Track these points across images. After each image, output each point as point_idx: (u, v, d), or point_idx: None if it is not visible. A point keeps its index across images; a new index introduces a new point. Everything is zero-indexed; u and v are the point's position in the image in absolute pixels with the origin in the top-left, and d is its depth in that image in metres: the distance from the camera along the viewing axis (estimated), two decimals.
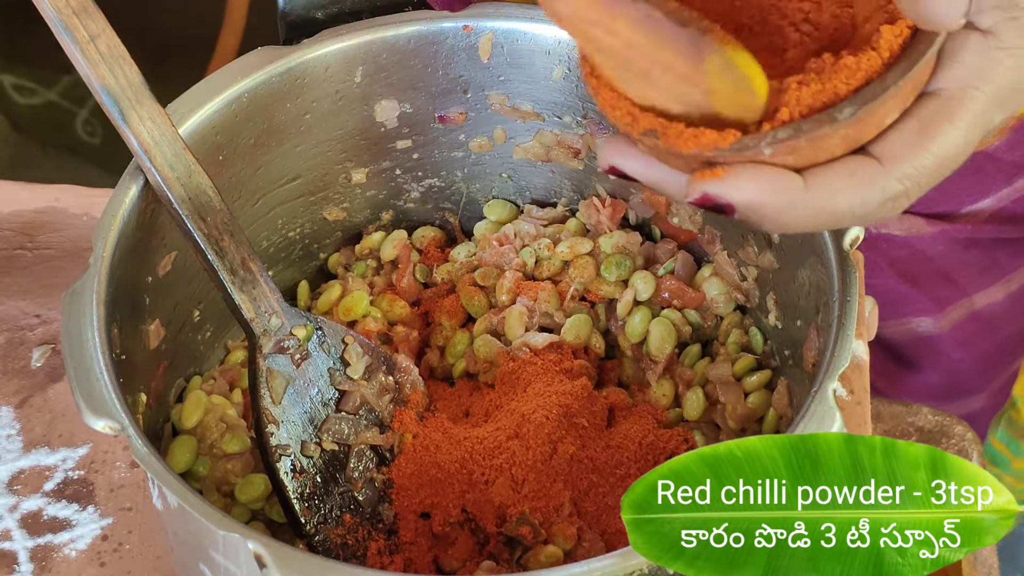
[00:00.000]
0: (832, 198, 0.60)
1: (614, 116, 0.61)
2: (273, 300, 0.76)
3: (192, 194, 0.74)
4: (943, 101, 0.61)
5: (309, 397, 0.77)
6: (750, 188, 0.59)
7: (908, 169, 0.60)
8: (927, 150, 0.60)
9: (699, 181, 0.60)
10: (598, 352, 0.86)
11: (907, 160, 0.60)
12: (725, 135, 0.59)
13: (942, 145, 0.61)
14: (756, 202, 0.60)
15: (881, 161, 0.60)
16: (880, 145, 0.61)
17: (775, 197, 0.60)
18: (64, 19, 0.71)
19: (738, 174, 0.59)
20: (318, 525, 0.76)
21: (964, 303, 1.10)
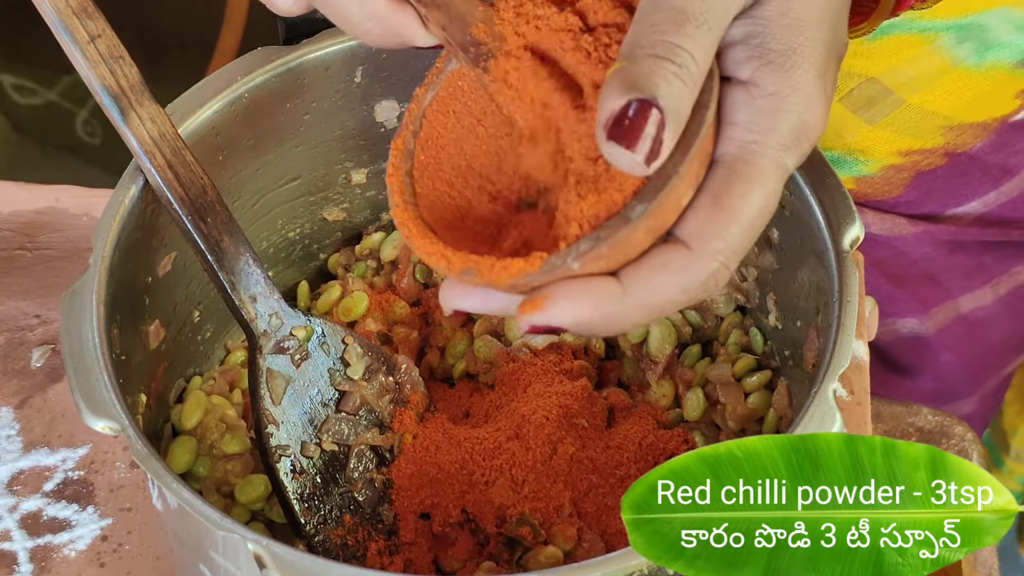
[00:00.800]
0: (652, 294, 0.60)
1: (430, 261, 0.61)
2: (273, 300, 0.76)
3: (192, 194, 0.74)
4: (728, 167, 0.60)
5: (309, 397, 0.77)
6: (571, 310, 0.59)
7: (717, 243, 0.59)
8: (729, 221, 0.59)
9: (524, 315, 0.60)
10: (598, 353, 0.86)
11: (713, 235, 0.59)
12: (532, 260, 0.59)
13: (743, 210, 0.59)
14: (582, 320, 0.60)
15: (688, 245, 0.59)
16: (683, 227, 0.60)
17: (598, 310, 0.59)
18: (64, 19, 0.71)
19: (556, 300, 0.59)
20: (318, 526, 0.76)
21: (950, 305, 1.10)
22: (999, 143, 1.00)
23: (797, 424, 0.68)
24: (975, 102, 0.97)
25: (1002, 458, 1.30)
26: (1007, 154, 1.01)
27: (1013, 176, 1.04)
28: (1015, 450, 1.28)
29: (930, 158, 1.00)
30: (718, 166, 0.60)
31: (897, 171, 1.01)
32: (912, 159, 1.00)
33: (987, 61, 0.94)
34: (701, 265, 0.59)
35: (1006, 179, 1.04)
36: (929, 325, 1.11)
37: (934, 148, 0.99)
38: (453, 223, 0.65)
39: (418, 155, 0.65)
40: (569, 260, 0.59)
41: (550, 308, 0.59)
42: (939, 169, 1.01)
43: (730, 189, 0.59)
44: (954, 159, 1.00)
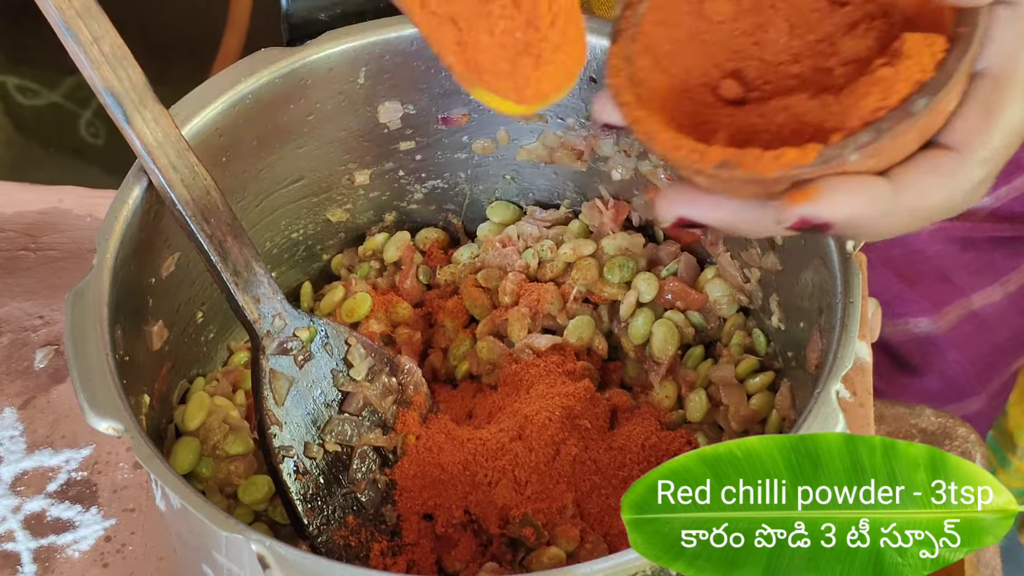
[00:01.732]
0: (922, 196, 0.60)
1: (676, 157, 0.60)
2: (276, 301, 0.76)
3: (195, 195, 0.74)
4: (994, 79, 0.61)
5: (312, 398, 0.77)
6: (844, 203, 0.59)
7: (984, 152, 0.61)
8: (996, 129, 0.61)
9: (792, 206, 0.59)
10: (601, 354, 0.86)
11: (980, 143, 0.61)
12: (806, 151, 0.58)
13: (1008, 120, 0.61)
14: (853, 216, 0.59)
15: (957, 150, 0.61)
16: (949, 134, 0.61)
17: (870, 207, 0.59)
18: (67, 20, 0.71)
19: (830, 191, 0.59)
20: (321, 527, 0.76)
21: (962, 303, 1.10)
22: None
23: (800, 425, 0.68)
24: None
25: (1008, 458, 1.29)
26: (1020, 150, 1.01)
27: (1023, 170, 1.04)
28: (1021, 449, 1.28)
29: None
30: (982, 78, 0.61)
31: None
32: None
33: None
34: (969, 170, 0.61)
35: (1017, 174, 1.04)
36: (941, 325, 1.11)
37: None
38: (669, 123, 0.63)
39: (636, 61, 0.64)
40: (847, 152, 0.58)
41: (823, 200, 0.59)
42: None
43: (998, 99, 0.61)
44: None
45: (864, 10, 0.64)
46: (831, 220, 0.59)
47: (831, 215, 0.59)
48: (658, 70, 0.65)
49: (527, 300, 0.86)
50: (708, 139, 0.61)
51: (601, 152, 0.87)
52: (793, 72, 0.64)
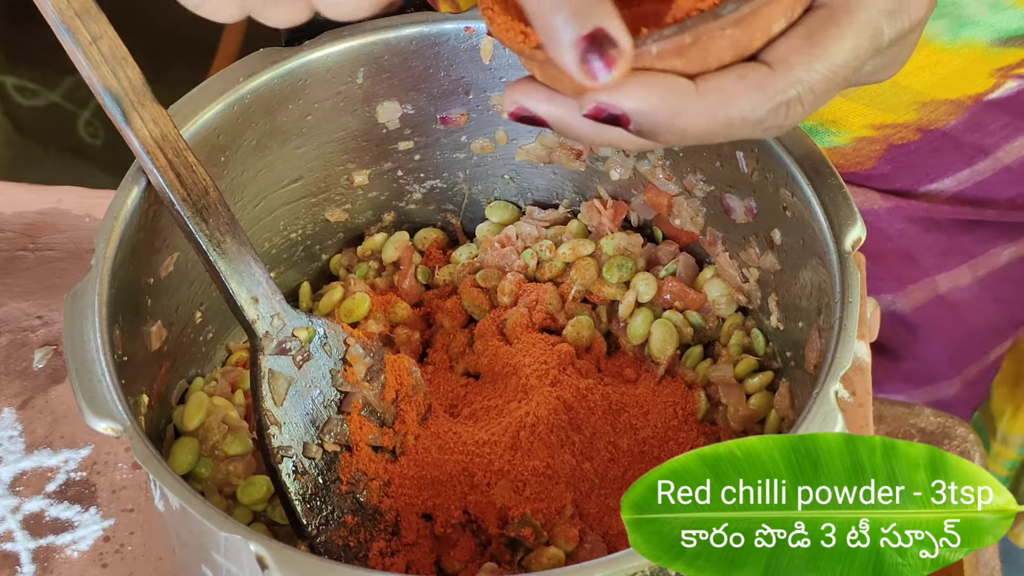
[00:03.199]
0: (724, 102, 0.60)
1: (507, 38, 0.61)
2: (275, 301, 0.76)
3: (194, 196, 0.74)
4: (830, 10, 0.62)
5: (311, 398, 0.77)
6: (641, 93, 0.59)
7: (800, 73, 0.61)
8: (816, 56, 0.61)
9: (592, 92, 0.60)
10: (600, 354, 0.86)
11: (797, 64, 0.61)
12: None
13: (832, 52, 0.61)
14: (648, 108, 0.60)
15: (771, 66, 0.61)
16: (770, 52, 0.61)
17: (666, 101, 0.60)
18: (66, 20, 0.71)
19: (628, 82, 0.59)
20: (320, 527, 0.76)
21: (927, 284, 1.10)
22: (973, 122, 1.00)
23: (799, 425, 0.68)
24: (949, 79, 0.97)
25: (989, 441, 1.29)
26: (982, 134, 1.01)
27: (987, 156, 1.03)
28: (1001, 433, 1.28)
29: (903, 132, 1.00)
30: (818, 7, 0.62)
31: (869, 143, 1.01)
32: (884, 132, 1.00)
33: (961, 38, 0.94)
34: (779, 86, 0.61)
35: (980, 158, 1.04)
36: (906, 303, 1.11)
37: (907, 123, 0.99)
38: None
39: None
40: (649, 42, 0.59)
41: (620, 88, 0.59)
42: (912, 144, 1.01)
43: (825, 30, 0.61)
44: (927, 135, 1.00)
45: None
46: (626, 109, 0.60)
47: (626, 105, 0.60)
48: None
49: (526, 300, 0.86)
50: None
51: (599, 152, 0.87)
52: None
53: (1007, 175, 1.04)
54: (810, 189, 0.76)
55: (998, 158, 1.03)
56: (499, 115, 0.87)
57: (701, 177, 0.84)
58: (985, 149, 1.02)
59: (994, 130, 1.01)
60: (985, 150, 1.02)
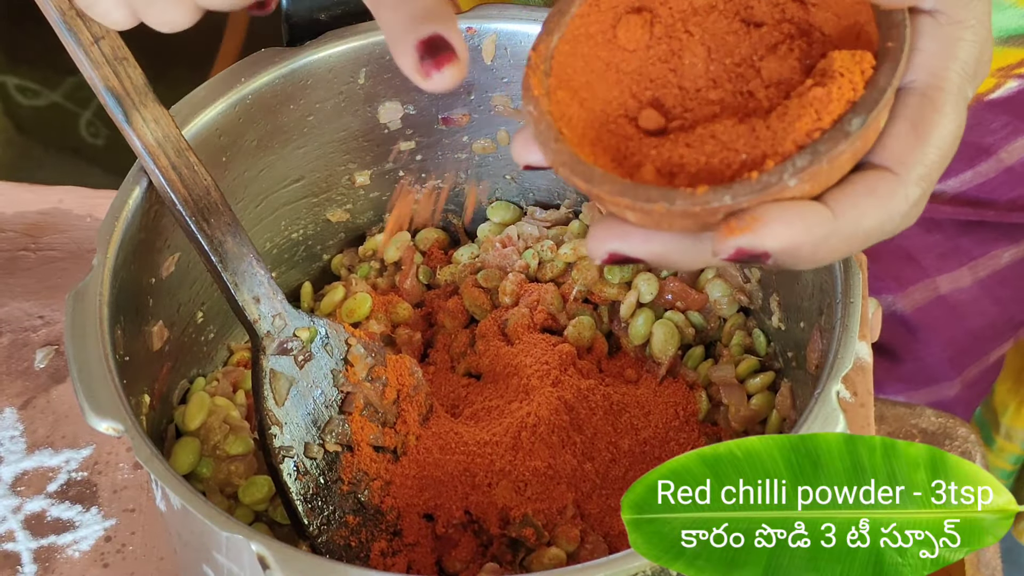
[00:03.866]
0: (860, 220, 0.59)
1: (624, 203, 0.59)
2: (276, 301, 0.76)
3: (195, 196, 0.74)
4: (921, 93, 0.60)
5: (312, 398, 0.77)
6: (783, 232, 0.58)
7: (920, 169, 0.60)
8: (929, 145, 0.60)
9: (729, 237, 0.57)
10: (601, 354, 0.86)
11: (915, 161, 0.60)
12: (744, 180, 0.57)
13: (940, 136, 0.60)
14: (792, 245, 0.58)
15: (893, 170, 0.59)
16: (881, 153, 0.60)
17: (809, 235, 0.58)
18: (68, 21, 0.71)
19: (767, 220, 0.57)
20: (321, 527, 0.76)
21: (927, 284, 1.10)
22: (975, 121, 1.00)
23: (800, 425, 0.68)
24: None
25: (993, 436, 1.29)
26: (983, 133, 1.01)
27: (989, 156, 1.03)
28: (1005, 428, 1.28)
29: None
30: (909, 93, 0.61)
31: None
32: None
33: None
34: (908, 190, 0.60)
35: (982, 159, 1.03)
36: (906, 304, 1.10)
37: None
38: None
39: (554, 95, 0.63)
40: (786, 176, 0.57)
41: (761, 229, 0.57)
42: None
43: (928, 114, 0.60)
44: None
45: (782, 30, 0.63)
46: (769, 250, 0.58)
47: (769, 245, 0.58)
48: (575, 103, 0.63)
49: (527, 300, 0.86)
50: (633, 174, 0.60)
51: None
52: (714, 98, 0.63)
53: (1008, 176, 1.04)
54: None
55: (1000, 159, 1.03)
56: (500, 115, 0.87)
57: None
58: (986, 149, 1.02)
59: (994, 129, 1.01)
60: (986, 150, 1.02)
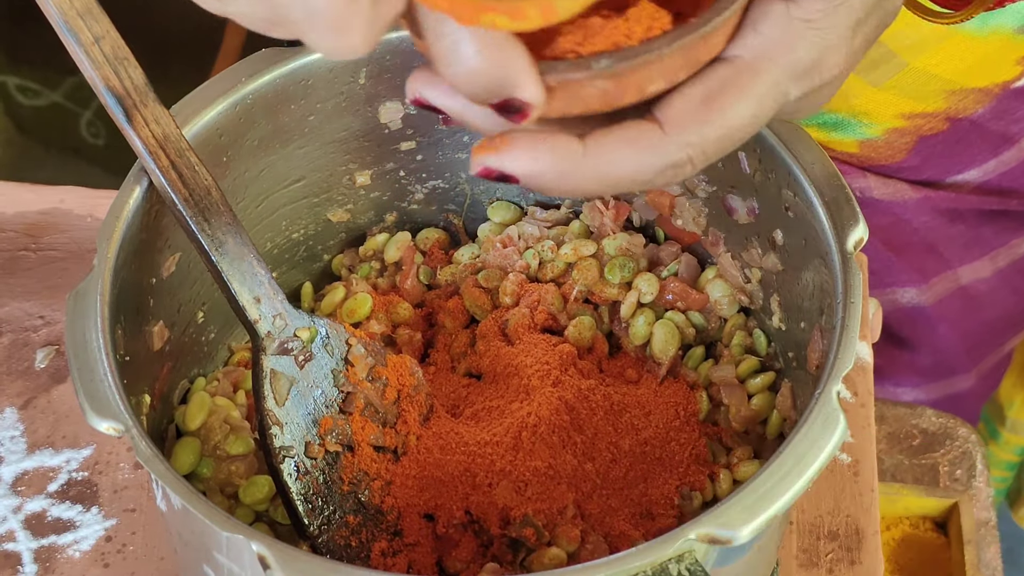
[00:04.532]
0: (612, 164, 0.60)
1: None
2: (277, 302, 0.76)
3: (196, 196, 0.74)
4: (735, 70, 0.60)
5: (313, 398, 0.77)
6: (526, 160, 0.59)
7: (691, 137, 0.59)
8: (711, 121, 0.60)
9: (479, 155, 0.60)
10: (602, 354, 0.86)
11: (690, 128, 0.59)
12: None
13: (729, 116, 0.60)
14: (535, 171, 0.59)
15: (663, 126, 0.59)
16: (664, 109, 0.60)
17: (554, 165, 0.59)
18: (68, 20, 0.71)
19: (515, 145, 0.59)
20: (322, 527, 0.76)
21: (949, 276, 1.10)
22: (1000, 109, 1.00)
23: (801, 426, 0.68)
24: (977, 67, 0.97)
25: (998, 429, 1.30)
26: (1008, 121, 1.01)
27: (1012, 145, 1.03)
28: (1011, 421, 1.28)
29: (932, 122, 1.00)
30: (723, 64, 0.60)
31: (900, 135, 1.01)
32: (915, 123, 1.00)
33: (989, 26, 0.95)
34: (669, 150, 0.59)
35: (1006, 148, 1.04)
36: (928, 296, 1.11)
37: (936, 112, 0.99)
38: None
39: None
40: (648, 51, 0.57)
41: (507, 153, 0.59)
42: (940, 134, 1.01)
43: (727, 91, 0.60)
44: (955, 124, 1.00)
45: None
46: (513, 173, 0.59)
47: (512, 168, 0.59)
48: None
49: (528, 300, 0.86)
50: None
51: None
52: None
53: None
54: (812, 189, 0.75)
55: (1022, 147, 1.04)
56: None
57: (703, 177, 0.84)
58: (1011, 138, 1.02)
59: (1020, 117, 1.01)
60: (1011, 139, 1.02)
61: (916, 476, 1.09)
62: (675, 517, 0.79)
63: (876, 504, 0.89)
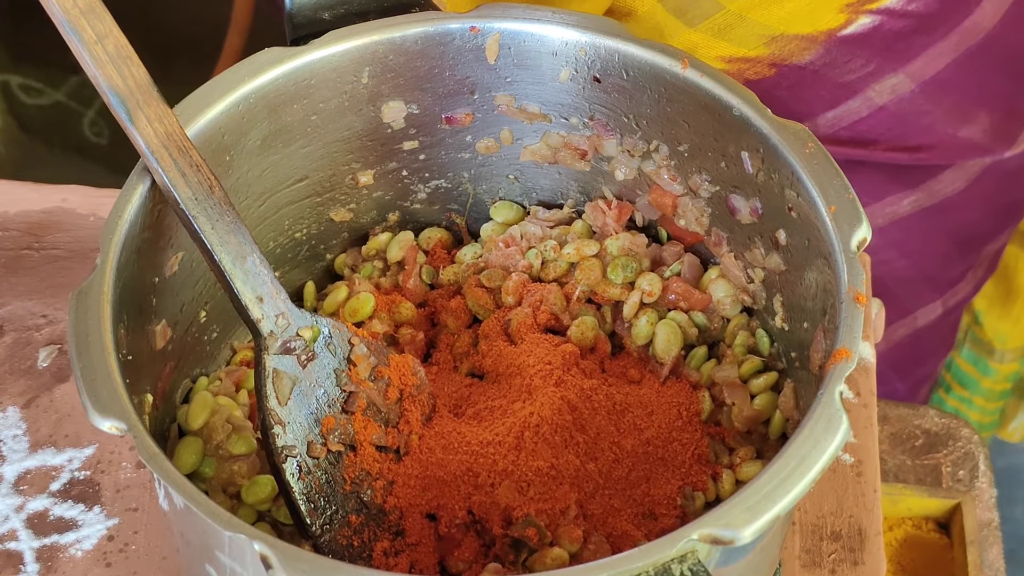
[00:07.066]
0: None
1: None
2: (279, 301, 0.76)
3: (199, 195, 0.74)
4: None
5: (315, 398, 0.77)
6: None
7: None
8: None
9: None
10: (604, 354, 0.86)
11: None
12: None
13: None
14: None
15: None
16: None
17: None
18: (71, 20, 0.71)
19: None
20: (324, 526, 0.76)
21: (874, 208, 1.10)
22: (830, 58, 0.99)
23: (804, 426, 0.68)
24: (797, 13, 0.97)
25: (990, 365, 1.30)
26: (842, 71, 1.01)
27: (855, 95, 1.03)
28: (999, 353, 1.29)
29: (756, 67, 1.00)
30: None
31: None
32: (737, 67, 0.99)
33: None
34: None
35: (846, 97, 1.03)
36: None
37: (759, 57, 0.99)
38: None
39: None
40: None
41: None
42: (768, 79, 1.00)
43: None
44: (782, 70, 1.00)
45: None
46: None
47: None
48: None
49: (530, 300, 0.86)
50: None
51: (604, 152, 0.87)
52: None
53: (884, 115, 1.04)
54: (815, 189, 0.75)
55: (869, 97, 1.03)
56: (504, 115, 0.87)
57: (706, 177, 0.84)
58: (851, 87, 1.02)
59: (856, 67, 1.01)
60: (851, 88, 1.02)
61: (919, 476, 1.09)
62: (677, 517, 0.79)
63: (879, 504, 0.88)
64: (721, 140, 0.81)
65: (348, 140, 0.86)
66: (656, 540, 0.64)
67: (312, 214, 0.89)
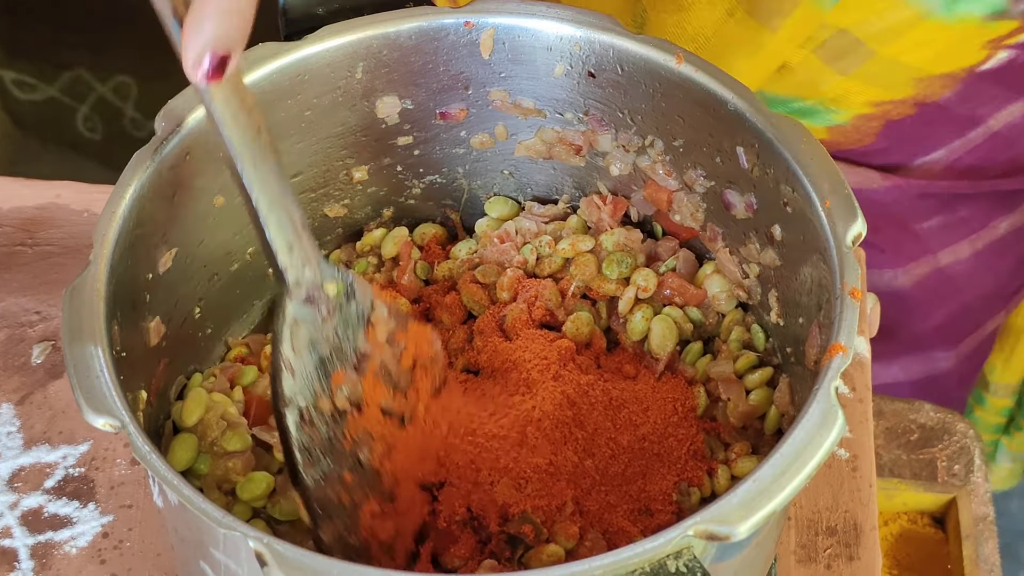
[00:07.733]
0: None
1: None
2: (310, 251, 0.74)
3: (247, 135, 0.72)
4: None
5: (330, 351, 0.76)
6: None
7: None
8: None
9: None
10: (600, 350, 0.86)
11: None
12: None
13: None
14: None
15: None
16: None
17: None
18: None
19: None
20: (316, 478, 0.75)
21: (929, 260, 1.10)
22: (966, 93, 1.00)
23: (799, 421, 0.68)
24: (944, 53, 0.97)
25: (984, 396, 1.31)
26: (974, 104, 1.02)
27: (978, 125, 1.04)
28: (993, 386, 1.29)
29: (900, 108, 1.00)
30: None
31: (868, 120, 1.01)
32: (883, 109, 1.00)
33: (956, 13, 0.95)
34: None
35: (971, 128, 1.04)
36: (907, 279, 1.11)
37: (904, 99, 1.00)
38: None
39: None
40: None
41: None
42: (908, 119, 1.01)
43: None
44: (923, 109, 1.01)
45: None
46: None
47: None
48: None
49: (525, 296, 0.86)
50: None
51: (599, 148, 0.87)
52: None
53: (997, 141, 1.05)
54: (811, 185, 0.75)
55: (988, 126, 1.04)
56: (498, 110, 0.87)
57: (701, 173, 0.84)
58: (976, 119, 1.03)
59: (986, 100, 1.02)
60: (976, 120, 1.03)
61: (914, 471, 1.09)
62: (673, 513, 0.79)
63: (874, 499, 0.88)
64: (716, 135, 0.81)
65: (342, 135, 0.86)
66: (652, 536, 0.64)
67: (306, 210, 0.88)
